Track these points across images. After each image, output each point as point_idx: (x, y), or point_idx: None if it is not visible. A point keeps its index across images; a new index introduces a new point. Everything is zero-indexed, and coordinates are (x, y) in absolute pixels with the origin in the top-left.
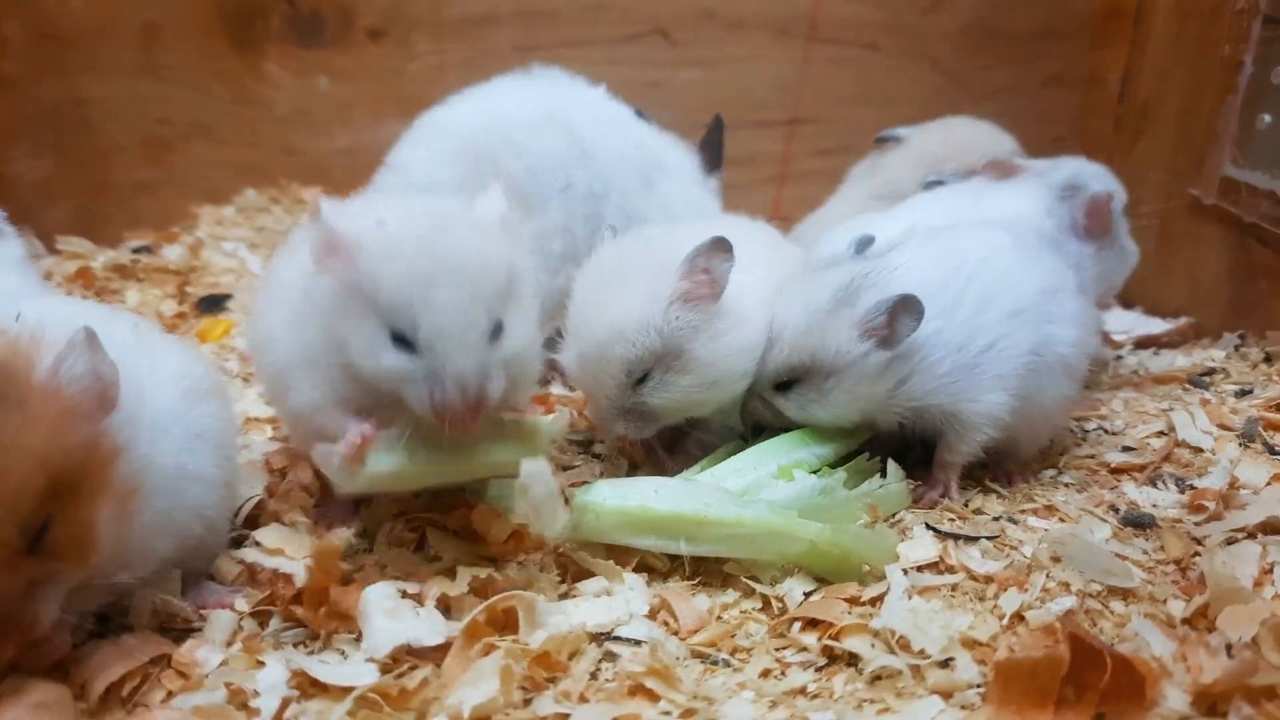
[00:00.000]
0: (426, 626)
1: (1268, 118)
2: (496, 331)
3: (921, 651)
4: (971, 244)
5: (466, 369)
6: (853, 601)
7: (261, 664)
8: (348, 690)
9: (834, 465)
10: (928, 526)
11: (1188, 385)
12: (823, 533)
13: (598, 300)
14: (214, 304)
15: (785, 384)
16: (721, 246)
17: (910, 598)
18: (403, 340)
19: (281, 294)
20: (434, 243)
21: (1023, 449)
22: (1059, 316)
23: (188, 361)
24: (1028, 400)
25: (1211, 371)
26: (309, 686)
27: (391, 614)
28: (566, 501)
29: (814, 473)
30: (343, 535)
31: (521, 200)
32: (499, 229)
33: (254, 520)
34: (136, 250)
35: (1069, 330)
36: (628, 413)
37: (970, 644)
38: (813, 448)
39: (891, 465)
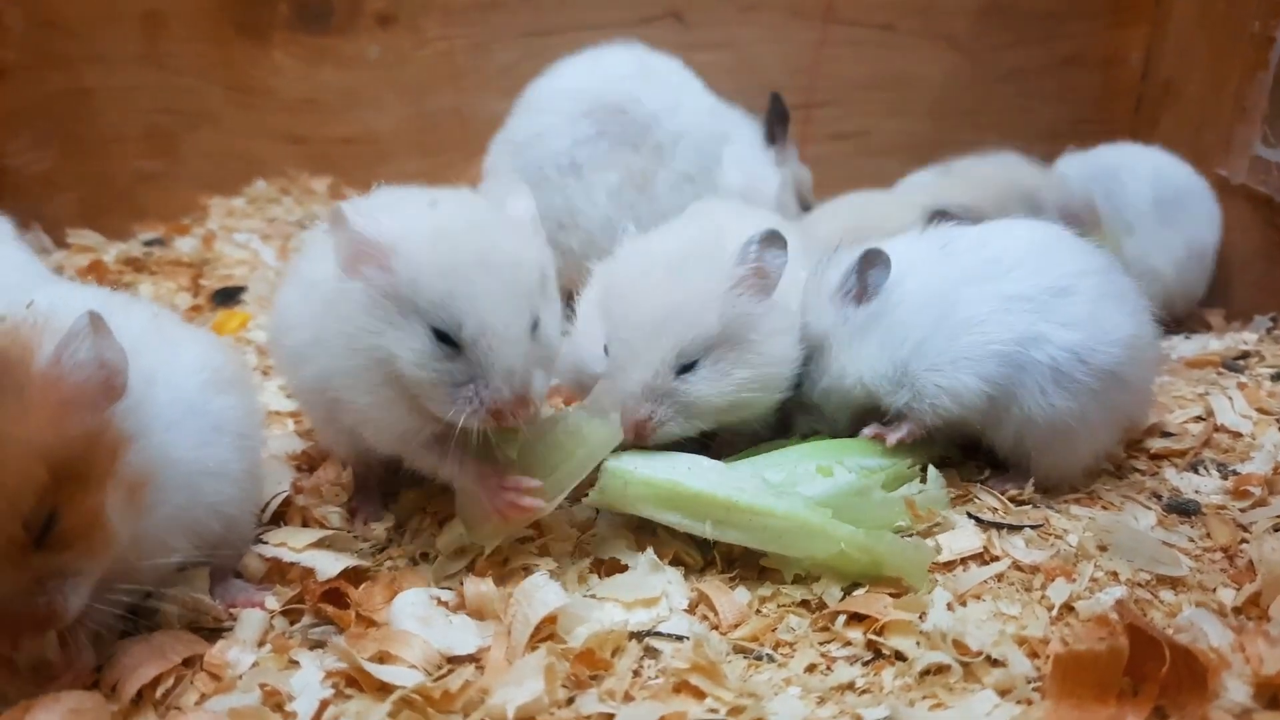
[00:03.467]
0: (459, 635)
1: None
2: (534, 327)
3: (971, 646)
4: (1000, 225)
5: (514, 361)
6: (896, 594)
7: (295, 664)
8: (389, 690)
9: None
10: (970, 516)
11: (1222, 369)
12: (855, 536)
13: (647, 283)
14: (229, 296)
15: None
16: (777, 240)
17: (954, 597)
18: (446, 340)
19: (312, 299)
20: (473, 238)
21: (1010, 458)
22: (1064, 317)
23: (209, 352)
24: (1009, 398)
25: (1246, 355)
26: (345, 686)
27: (424, 621)
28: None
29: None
30: (376, 530)
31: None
32: (530, 228)
33: (281, 516)
34: (149, 243)
35: (1071, 334)
36: (662, 397)
37: (1021, 638)
38: (860, 458)
39: (932, 471)
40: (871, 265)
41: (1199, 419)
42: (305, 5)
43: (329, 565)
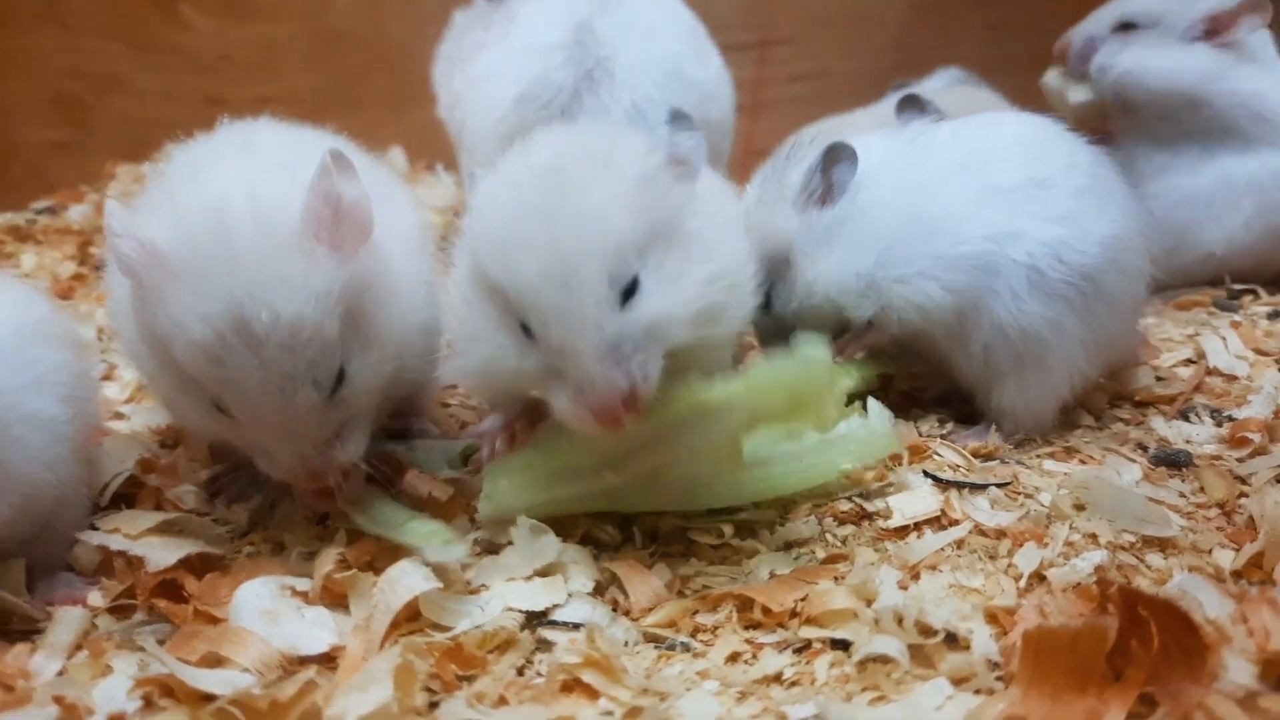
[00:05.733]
0: (310, 631)
1: None
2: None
3: (922, 625)
4: (977, 118)
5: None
6: (834, 562)
7: (110, 670)
8: (209, 700)
9: None
10: (926, 475)
11: (1213, 309)
12: (741, 384)
13: (533, 217)
14: None
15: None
16: (685, 120)
17: (904, 571)
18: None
19: None
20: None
21: (976, 388)
22: (1044, 211)
23: (25, 302)
24: (978, 310)
25: (1240, 294)
26: (160, 697)
27: (270, 616)
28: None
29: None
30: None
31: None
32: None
33: (130, 500)
34: (39, 211)
35: (1050, 229)
36: (619, 347)
37: (989, 612)
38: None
39: (874, 405)
40: (836, 161)
41: (1189, 362)
42: None
43: (163, 554)
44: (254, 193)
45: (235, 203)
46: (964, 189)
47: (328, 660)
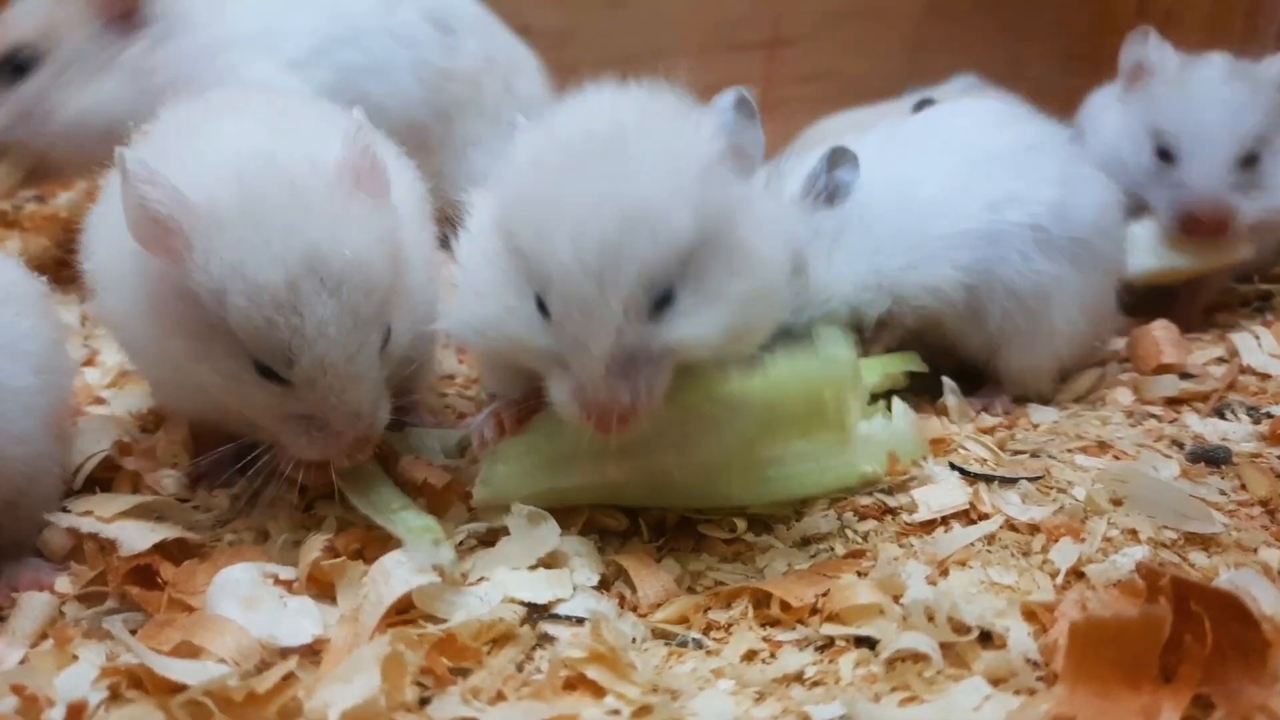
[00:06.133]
0: (293, 620)
1: None
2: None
3: (955, 622)
4: (945, 106)
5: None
6: (855, 557)
7: (75, 659)
8: (180, 690)
9: None
10: (953, 467)
11: (1241, 307)
12: (760, 382)
13: (579, 186)
14: None
15: None
16: (747, 107)
17: (933, 566)
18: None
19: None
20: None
21: (999, 355)
22: (1039, 173)
23: None
24: (988, 277)
25: (1269, 295)
26: (128, 688)
27: (249, 604)
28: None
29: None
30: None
31: None
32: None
33: (106, 484)
34: (26, 199)
35: (1049, 189)
36: (633, 359)
37: (1027, 609)
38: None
39: (898, 405)
40: (839, 164)
41: (1220, 360)
42: None
43: (138, 538)
44: (294, 142)
45: (285, 151)
46: (951, 168)
47: (311, 652)
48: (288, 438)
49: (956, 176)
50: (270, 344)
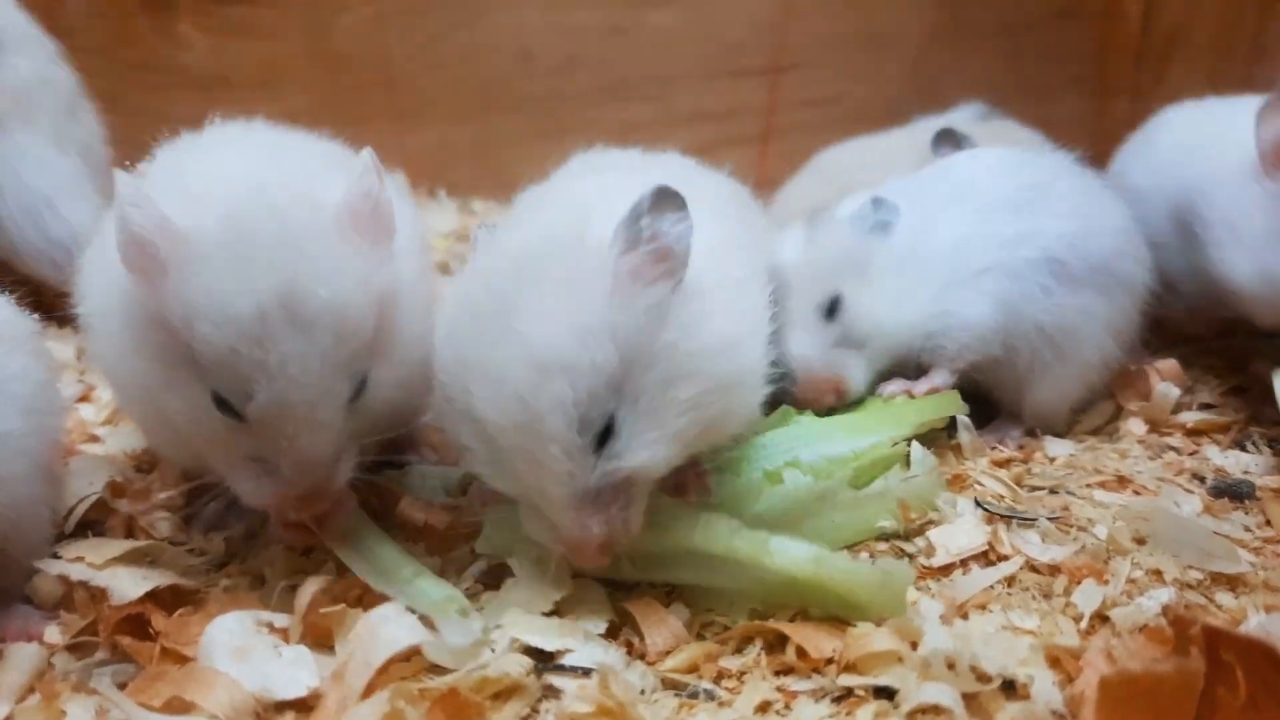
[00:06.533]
0: (288, 672)
1: None
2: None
3: (977, 670)
4: (959, 155)
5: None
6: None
7: (63, 715)
8: None
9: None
10: (978, 504)
11: (1261, 336)
12: (808, 565)
13: (496, 331)
14: None
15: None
16: (670, 199)
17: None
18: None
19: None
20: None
21: (1027, 390)
22: (1048, 210)
23: None
24: (1016, 314)
25: None
26: None
27: (243, 655)
28: None
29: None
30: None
31: None
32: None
33: (98, 527)
34: None
35: (1062, 224)
36: (597, 498)
37: (1051, 654)
38: (822, 444)
39: (918, 450)
40: (880, 205)
41: (1238, 389)
42: None
43: (130, 586)
44: (290, 178)
45: (278, 185)
46: (964, 216)
47: (306, 707)
48: (234, 478)
49: (967, 227)
50: (230, 375)
